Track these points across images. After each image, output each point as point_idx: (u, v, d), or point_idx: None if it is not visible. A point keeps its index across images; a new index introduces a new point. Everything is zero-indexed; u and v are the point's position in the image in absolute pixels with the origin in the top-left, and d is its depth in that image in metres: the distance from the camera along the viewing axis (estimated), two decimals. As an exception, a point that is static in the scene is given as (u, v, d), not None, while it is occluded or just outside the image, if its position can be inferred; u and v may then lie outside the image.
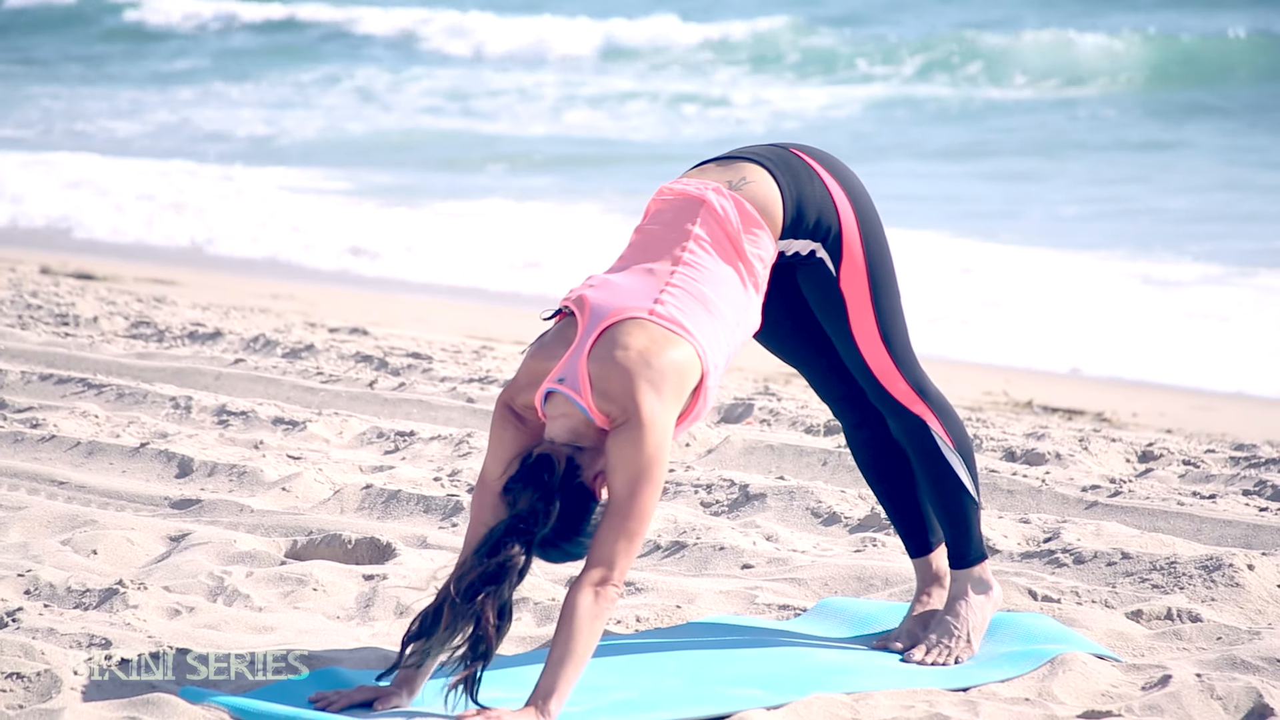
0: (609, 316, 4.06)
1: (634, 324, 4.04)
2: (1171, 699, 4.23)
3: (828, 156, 4.45)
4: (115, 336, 9.97)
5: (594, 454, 4.03)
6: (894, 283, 4.47)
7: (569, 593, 3.93)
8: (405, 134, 25.15)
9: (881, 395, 4.53)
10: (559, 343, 4.09)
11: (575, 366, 4.02)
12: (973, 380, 10.38)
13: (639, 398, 3.97)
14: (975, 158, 22.26)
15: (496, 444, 4.14)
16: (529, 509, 3.91)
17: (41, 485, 6.41)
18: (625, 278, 4.15)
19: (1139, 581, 5.36)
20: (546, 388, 4.04)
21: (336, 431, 7.52)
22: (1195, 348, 11.78)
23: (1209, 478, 6.89)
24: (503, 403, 4.14)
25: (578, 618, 3.89)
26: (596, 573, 3.93)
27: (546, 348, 4.11)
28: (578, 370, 4.02)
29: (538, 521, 3.91)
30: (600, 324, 4.05)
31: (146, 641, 4.41)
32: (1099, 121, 24.74)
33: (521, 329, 11.77)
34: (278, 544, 5.64)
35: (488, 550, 3.89)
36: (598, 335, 4.04)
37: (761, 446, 7.19)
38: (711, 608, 5.06)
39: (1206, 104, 24.76)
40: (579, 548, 4.00)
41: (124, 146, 23.04)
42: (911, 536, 4.74)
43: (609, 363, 4.00)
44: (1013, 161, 21.83)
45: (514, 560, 3.88)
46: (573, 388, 4.01)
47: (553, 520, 3.92)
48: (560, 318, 4.15)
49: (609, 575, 3.93)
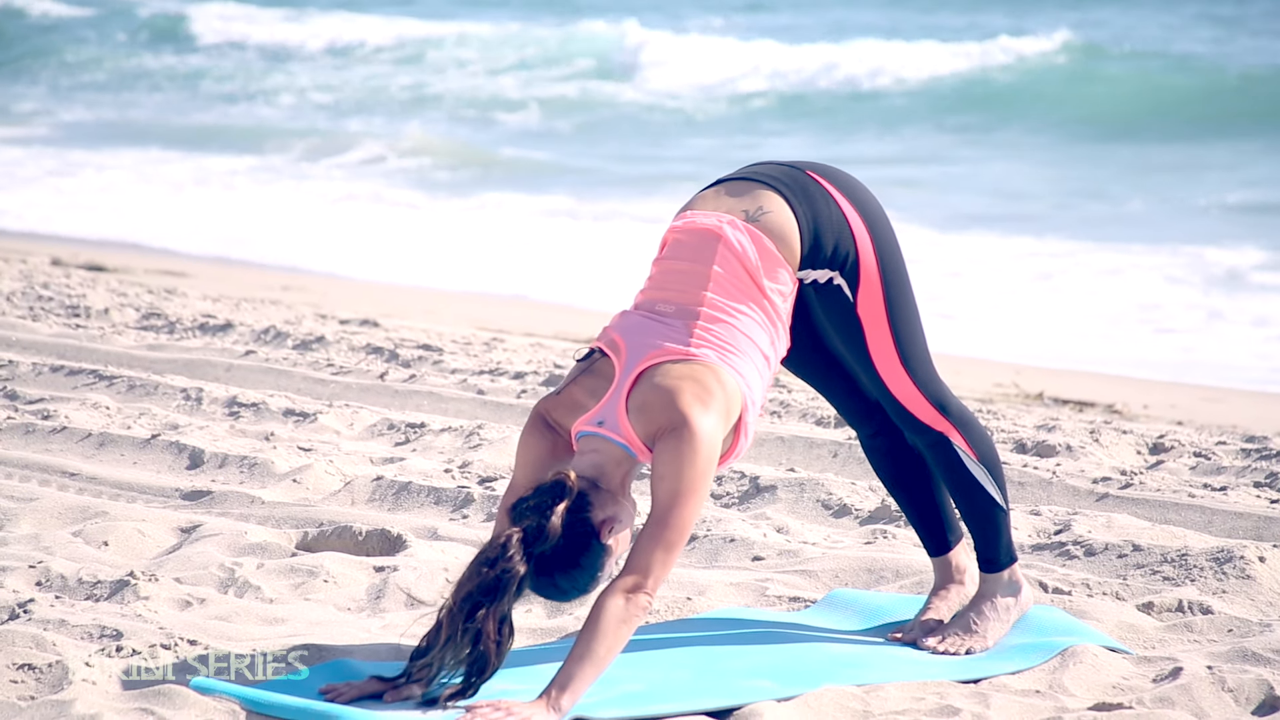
0: (646, 359, 4.06)
1: (671, 364, 4.04)
2: (1182, 691, 4.23)
3: (843, 176, 4.40)
4: (126, 328, 9.98)
5: (609, 497, 4.01)
6: (911, 302, 4.43)
7: (601, 594, 3.93)
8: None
9: (903, 414, 4.50)
10: (602, 379, 4.09)
11: (615, 409, 4.03)
12: (983, 372, 10.38)
13: (686, 409, 3.96)
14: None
15: (524, 452, 4.15)
16: (534, 525, 3.91)
17: (53, 477, 6.42)
18: (654, 322, 4.13)
19: (1150, 574, 5.35)
20: (583, 429, 4.05)
21: (347, 423, 7.52)
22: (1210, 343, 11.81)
23: (1220, 470, 6.88)
24: (539, 411, 4.15)
25: (604, 620, 3.88)
26: (631, 579, 3.92)
27: (593, 379, 4.11)
28: (617, 412, 4.02)
29: (539, 537, 3.89)
30: (637, 367, 4.05)
31: (157, 633, 4.42)
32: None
33: (531, 321, 11.77)
34: (288, 535, 5.65)
35: (485, 562, 3.88)
36: (635, 378, 4.05)
37: (772, 438, 7.18)
38: (722, 599, 5.06)
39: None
40: (570, 583, 3.95)
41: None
42: (931, 537, 4.73)
43: (650, 391, 4.01)
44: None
45: (513, 572, 3.86)
46: (612, 429, 4.02)
47: (553, 541, 3.90)
48: (591, 359, 4.15)
49: (643, 583, 3.92)
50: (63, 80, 31.05)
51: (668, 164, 22.14)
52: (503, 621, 3.86)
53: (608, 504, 4.00)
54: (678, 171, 21.01)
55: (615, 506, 4.01)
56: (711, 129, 25.80)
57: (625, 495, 4.06)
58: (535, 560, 3.90)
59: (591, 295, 13.46)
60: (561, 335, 11.08)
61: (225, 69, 32.44)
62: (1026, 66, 27.83)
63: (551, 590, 3.98)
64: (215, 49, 34.67)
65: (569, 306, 13.08)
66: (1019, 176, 20.70)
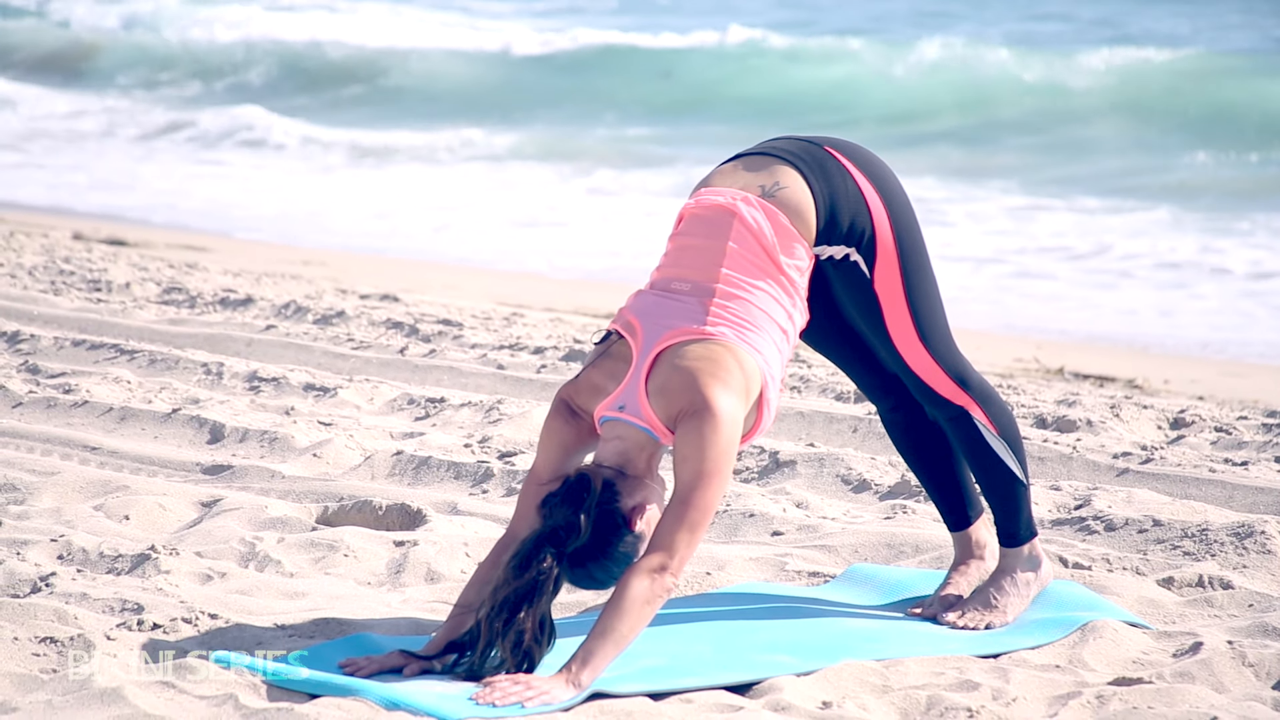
0: (662, 339, 4.06)
1: (689, 344, 4.04)
2: (1203, 666, 4.22)
3: (861, 151, 4.38)
4: (147, 303, 10.00)
5: (637, 483, 4.02)
6: (929, 276, 4.41)
7: (625, 573, 3.93)
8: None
9: (922, 389, 4.49)
10: (621, 361, 4.10)
11: (634, 393, 4.03)
12: (1004, 347, 10.36)
13: (706, 390, 3.97)
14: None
15: (547, 438, 4.15)
16: (563, 522, 3.91)
17: (74, 451, 6.44)
18: (670, 301, 4.13)
19: (1170, 549, 5.34)
20: (604, 415, 4.05)
21: (367, 398, 7.53)
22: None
23: (1241, 444, 6.86)
24: (561, 397, 4.16)
25: (628, 599, 3.89)
26: (656, 558, 3.92)
27: (611, 361, 4.11)
28: (637, 396, 4.03)
29: (570, 534, 3.91)
30: (654, 348, 4.05)
31: (178, 607, 4.43)
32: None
33: (552, 296, 11.77)
34: (309, 510, 5.66)
35: (520, 564, 3.89)
36: (653, 360, 4.04)
37: (792, 413, 7.18)
38: (741, 574, 5.06)
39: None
40: (606, 573, 3.97)
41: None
42: (952, 512, 4.73)
43: (670, 373, 4.01)
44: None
45: (547, 573, 3.88)
46: (633, 413, 4.02)
47: (584, 535, 3.91)
48: (609, 341, 4.16)
49: (668, 563, 3.92)
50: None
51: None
52: (543, 621, 3.88)
53: (635, 490, 4.01)
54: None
55: (644, 491, 4.02)
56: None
57: (653, 477, 4.07)
58: (568, 556, 3.91)
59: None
60: (581, 310, 11.08)
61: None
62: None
63: (587, 581, 4.00)
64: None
65: (588, 281, 13.08)
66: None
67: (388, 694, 3.80)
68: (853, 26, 30.71)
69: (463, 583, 4.82)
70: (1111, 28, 30.06)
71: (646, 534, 4.01)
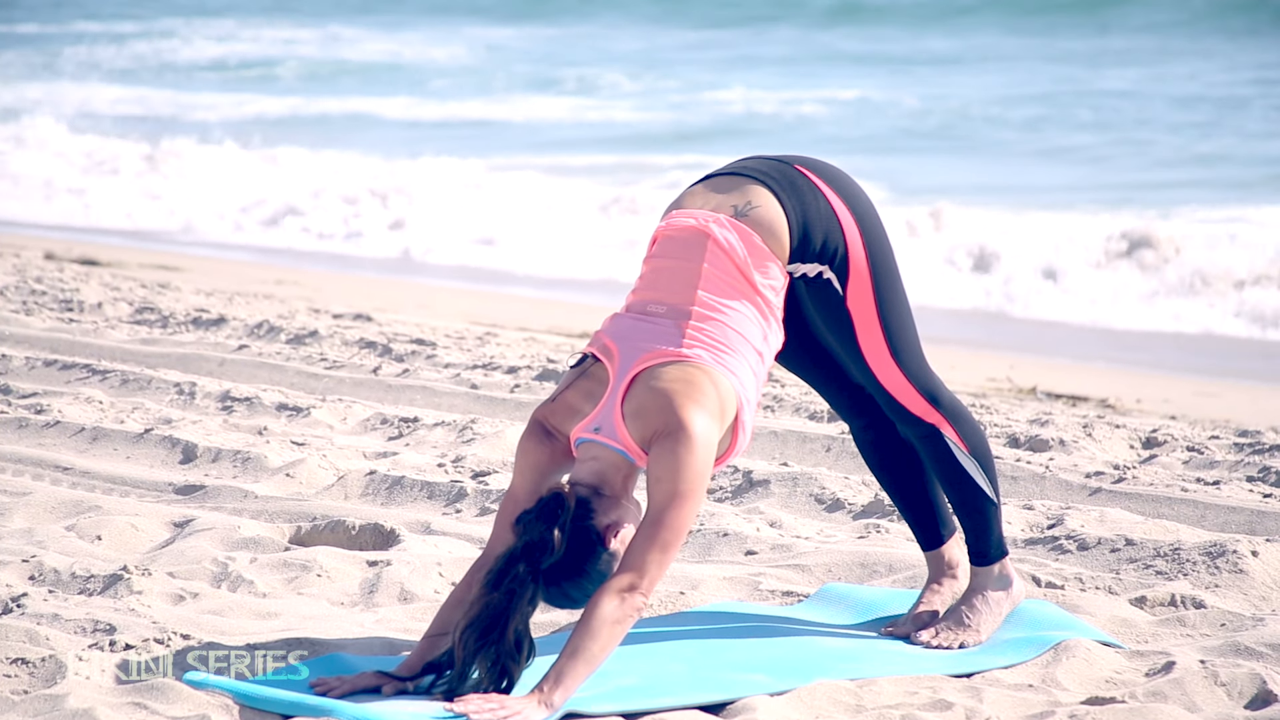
0: (638, 362, 4.07)
1: (665, 366, 4.05)
2: (1175, 685, 4.23)
3: (832, 170, 4.40)
4: (119, 322, 9.98)
5: (612, 503, 4.03)
6: (901, 294, 4.43)
7: (596, 594, 3.93)
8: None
9: (894, 407, 4.50)
10: (597, 383, 4.10)
11: (610, 415, 4.04)
12: (977, 366, 10.38)
13: (681, 412, 3.98)
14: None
15: (523, 459, 4.15)
16: (537, 538, 3.91)
17: (46, 471, 6.42)
18: (646, 324, 4.13)
19: (1143, 568, 5.35)
20: (580, 436, 4.06)
21: (340, 417, 7.52)
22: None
23: (1213, 464, 6.89)
24: (537, 419, 4.16)
25: (597, 618, 3.89)
26: (626, 578, 3.92)
27: (588, 383, 4.12)
28: (613, 418, 4.03)
29: (544, 550, 3.90)
30: (630, 371, 4.06)
31: (151, 627, 4.42)
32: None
33: (527, 316, 11.77)
34: (281, 530, 5.65)
35: (494, 580, 3.89)
36: (629, 382, 4.05)
37: (765, 432, 7.18)
38: (715, 594, 5.06)
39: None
40: (581, 591, 3.97)
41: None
42: (924, 530, 4.74)
43: (646, 395, 4.02)
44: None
45: (521, 588, 3.88)
46: (609, 435, 4.02)
47: (559, 551, 3.91)
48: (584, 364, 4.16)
49: (638, 583, 3.92)
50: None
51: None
52: (519, 638, 3.87)
53: (611, 509, 4.02)
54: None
55: (619, 510, 4.03)
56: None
57: (628, 498, 4.07)
58: (543, 573, 3.91)
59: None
60: (555, 330, 11.08)
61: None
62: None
63: (561, 599, 4.00)
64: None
65: (562, 300, 13.08)
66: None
67: (361, 714, 3.79)
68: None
69: (436, 603, 4.81)
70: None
71: (620, 554, 4.01)
